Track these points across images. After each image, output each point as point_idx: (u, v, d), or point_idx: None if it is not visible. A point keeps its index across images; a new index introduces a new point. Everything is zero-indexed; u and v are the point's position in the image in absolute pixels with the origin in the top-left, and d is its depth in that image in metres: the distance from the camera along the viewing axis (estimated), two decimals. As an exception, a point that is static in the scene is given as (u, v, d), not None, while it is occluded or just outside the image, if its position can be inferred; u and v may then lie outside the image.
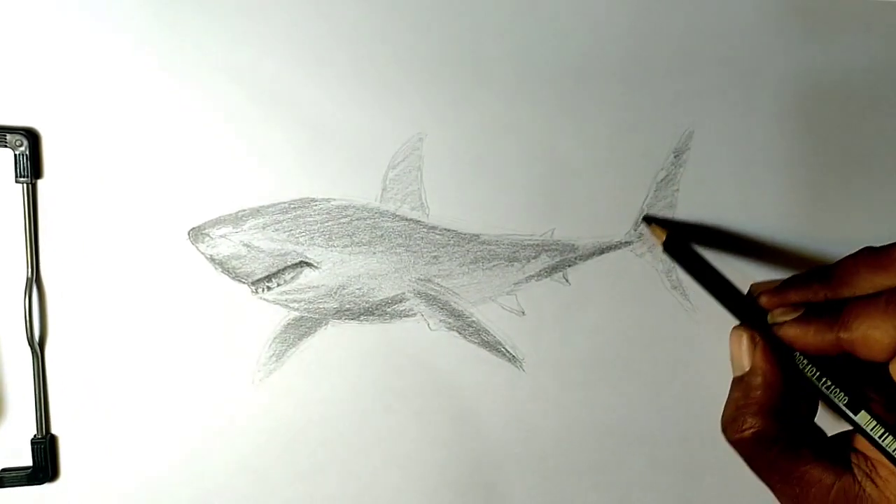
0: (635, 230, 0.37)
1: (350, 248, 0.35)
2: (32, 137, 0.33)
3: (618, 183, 0.37)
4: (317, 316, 0.35)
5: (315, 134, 0.34)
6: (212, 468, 0.36)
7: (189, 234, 0.34)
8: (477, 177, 0.36)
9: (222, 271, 0.35)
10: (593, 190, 0.37)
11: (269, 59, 0.34)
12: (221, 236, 0.34)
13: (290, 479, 0.36)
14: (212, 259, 0.34)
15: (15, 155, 0.32)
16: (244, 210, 0.34)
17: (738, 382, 0.33)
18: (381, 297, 0.36)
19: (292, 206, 0.35)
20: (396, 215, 0.36)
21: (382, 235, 0.36)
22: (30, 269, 0.33)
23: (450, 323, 0.36)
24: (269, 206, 0.35)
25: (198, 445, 0.35)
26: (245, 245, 0.34)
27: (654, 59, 0.36)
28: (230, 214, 0.34)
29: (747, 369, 0.32)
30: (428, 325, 0.36)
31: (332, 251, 0.35)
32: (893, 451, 0.29)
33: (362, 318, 0.36)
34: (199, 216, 0.34)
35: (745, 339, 0.32)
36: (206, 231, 0.34)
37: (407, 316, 0.36)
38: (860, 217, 0.38)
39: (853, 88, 0.38)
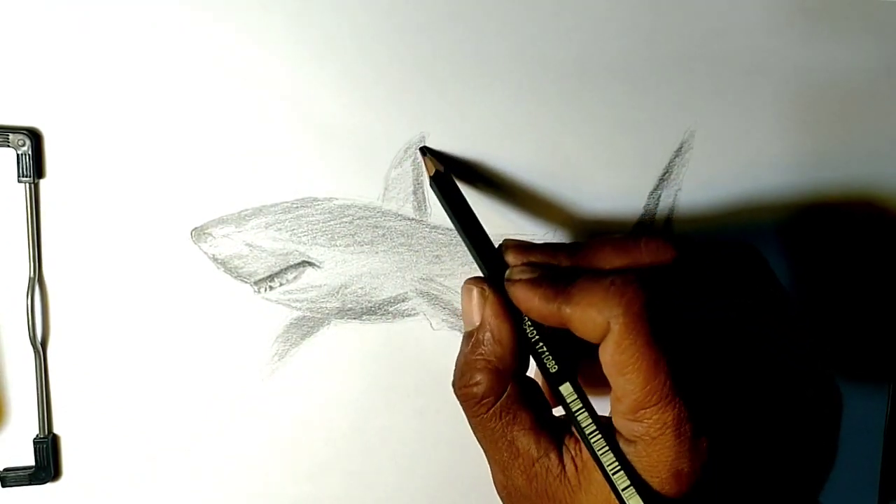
0: (637, 230, 0.37)
1: (352, 248, 0.35)
2: (35, 137, 0.33)
3: (620, 183, 0.37)
4: (319, 315, 0.35)
5: (317, 133, 0.34)
6: (214, 468, 0.35)
7: (191, 233, 0.34)
8: (478, 176, 0.36)
9: (225, 271, 0.35)
10: (595, 190, 0.37)
11: (272, 58, 0.34)
12: (224, 236, 0.34)
13: (292, 478, 0.36)
14: (214, 258, 0.34)
15: (17, 155, 0.32)
16: (247, 209, 0.34)
17: (468, 337, 0.31)
18: (383, 297, 0.36)
19: (295, 205, 0.35)
20: (398, 215, 0.36)
21: (384, 235, 0.36)
22: (32, 269, 0.33)
23: (452, 322, 0.36)
24: (271, 206, 0.35)
25: (200, 445, 0.35)
26: (247, 244, 0.34)
27: (656, 59, 0.36)
28: (233, 214, 0.34)
29: (477, 324, 0.30)
30: (430, 324, 0.36)
31: (334, 250, 0.35)
32: (586, 427, 0.28)
33: (364, 317, 0.36)
34: (202, 216, 0.34)
35: (475, 293, 0.30)
36: (209, 230, 0.34)
37: (409, 315, 0.36)
38: (862, 217, 0.38)
39: (855, 88, 0.38)
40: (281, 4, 0.34)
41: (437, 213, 0.36)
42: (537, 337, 0.30)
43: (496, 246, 0.32)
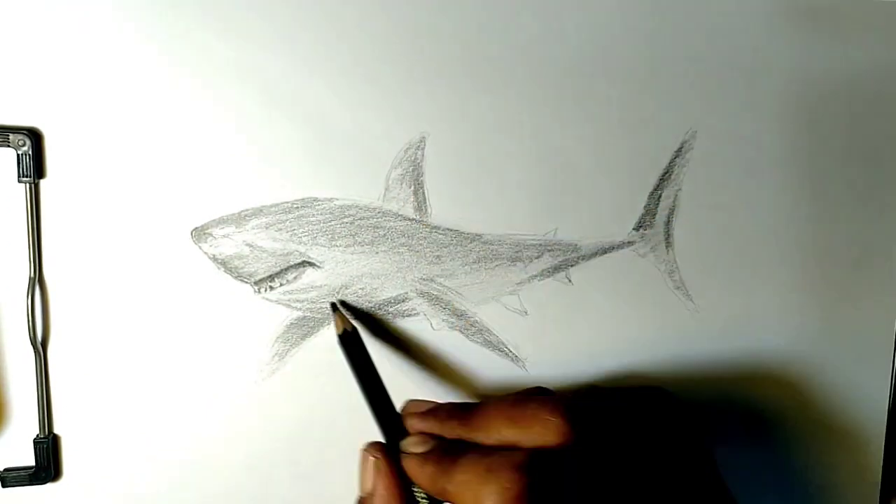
0: (638, 230, 0.37)
1: (352, 248, 0.35)
2: (35, 137, 0.33)
3: (621, 183, 0.37)
4: (319, 316, 0.35)
5: (318, 133, 0.34)
6: (215, 467, 0.35)
7: (192, 233, 0.34)
8: (479, 177, 0.36)
9: (225, 271, 0.35)
10: (596, 190, 0.37)
11: (272, 58, 0.34)
12: (224, 236, 0.34)
13: (293, 478, 0.36)
14: (214, 259, 0.34)
15: (18, 155, 0.32)
16: (247, 210, 0.34)
17: (359, 501, 0.31)
18: (383, 297, 0.36)
19: (295, 205, 0.35)
20: (399, 215, 0.36)
21: (385, 235, 0.36)
22: (32, 269, 0.33)
23: (452, 322, 0.36)
24: (271, 206, 0.35)
25: (200, 445, 0.35)
26: (248, 245, 0.34)
27: (657, 59, 0.36)
28: (233, 214, 0.34)
29: (366, 491, 0.30)
30: (431, 324, 0.36)
31: (334, 251, 0.35)
32: None
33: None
34: (202, 216, 0.34)
35: (371, 462, 0.30)
36: (209, 231, 0.34)
37: (410, 315, 0.36)
38: (863, 217, 0.38)
39: (857, 88, 0.38)
40: (281, 5, 0.34)
41: (438, 213, 0.36)
42: None
43: (398, 410, 0.32)
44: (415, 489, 0.30)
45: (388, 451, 0.31)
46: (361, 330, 0.34)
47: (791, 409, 0.39)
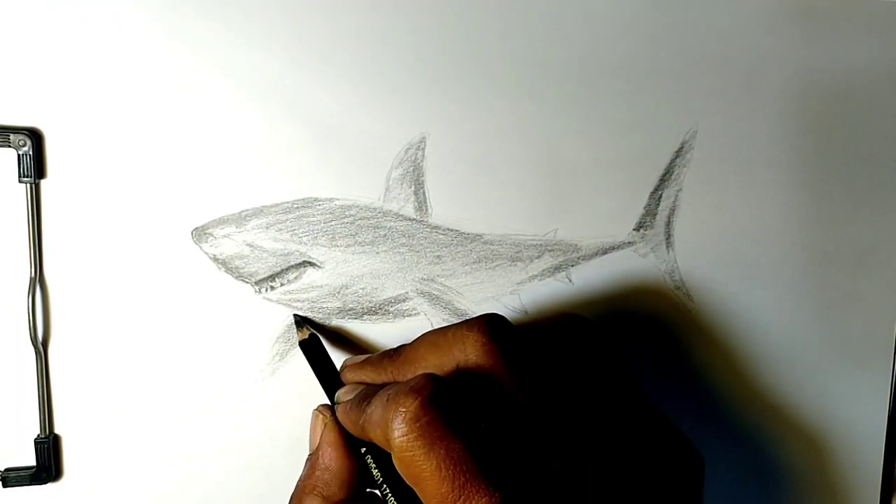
0: (638, 231, 0.37)
1: (353, 248, 0.35)
2: (36, 137, 0.33)
3: (621, 183, 0.37)
4: (320, 315, 0.36)
5: (318, 134, 0.34)
6: (216, 467, 0.36)
7: (192, 233, 0.34)
8: (480, 177, 0.36)
9: (225, 271, 0.35)
10: (597, 190, 0.37)
11: (272, 58, 0.34)
12: (225, 236, 0.34)
13: (294, 478, 0.36)
14: (215, 259, 0.34)
15: (18, 155, 0.32)
16: (247, 210, 0.34)
17: (307, 459, 0.31)
18: (384, 297, 0.36)
19: (295, 205, 0.35)
20: (399, 215, 0.36)
21: (385, 235, 0.36)
22: (33, 269, 0.33)
23: (453, 322, 0.36)
24: (272, 206, 0.35)
25: (201, 445, 0.35)
26: (248, 245, 0.34)
27: (657, 59, 0.36)
28: (233, 214, 0.34)
29: (314, 447, 0.30)
30: (431, 324, 0.36)
31: (335, 251, 0.35)
32: None
33: (365, 317, 0.36)
34: (203, 216, 0.34)
35: (319, 419, 0.31)
36: (210, 231, 0.34)
37: (410, 315, 0.36)
38: (864, 217, 0.38)
39: (856, 88, 0.38)
40: (281, 5, 0.34)
41: (438, 213, 0.36)
42: (374, 466, 0.29)
43: None
44: (362, 450, 0.29)
45: (335, 410, 0.31)
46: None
47: (791, 409, 0.39)
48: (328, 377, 0.33)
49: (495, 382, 0.28)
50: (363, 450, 0.29)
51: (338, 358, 0.34)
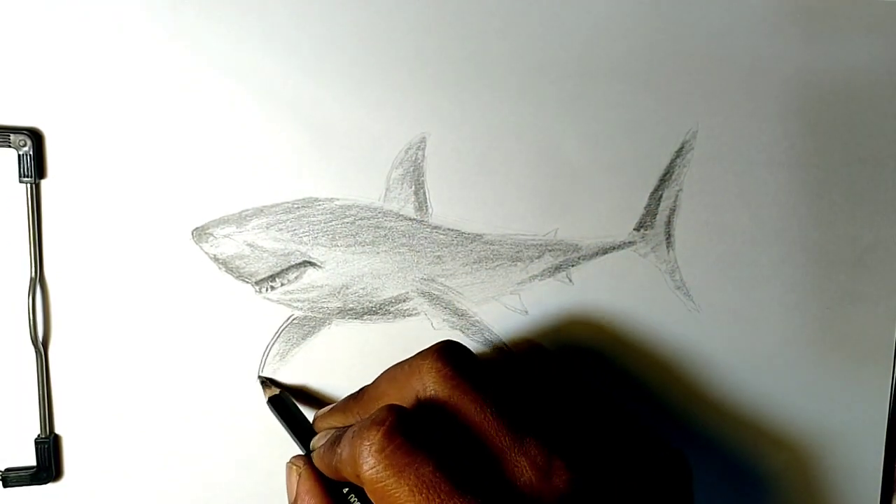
0: (638, 231, 0.37)
1: (353, 248, 0.35)
2: (36, 137, 0.33)
3: (621, 183, 0.37)
4: (320, 315, 0.36)
5: (318, 134, 0.34)
6: (215, 467, 0.36)
7: (193, 233, 0.34)
8: (480, 177, 0.36)
9: (226, 271, 0.35)
10: (597, 190, 0.37)
11: (273, 58, 0.34)
12: (225, 236, 0.34)
13: (294, 478, 0.36)
14: (215, 259, 0.34)
15: (18, 155, 0.32)
16: (248, 210, 0.34)
17: None
18: (384, 297, 0.36)
19: (296, 205, 0.35)
20: (400, 215, 0.36)
21: (386, 235, 0.36)
22: (33, 269, 0.33)
23: (453, 322, 0.36)
24: (272, 206, 0.35)
25: (202, 445, 0.35)
26: (248, 245, 0.34)
27: (657, 59, 0.36)
28: (234, 214, 0.34)
29: (292, 499, 0.30)
30: (431, 324, 0.36)
31: (335, 251, 0.35)
32: None
33: (366, 317, 0.36)
34: (203, 216, 0.34)
35: (293, 470, 0.31)
36: (210, 231, 0.34)
37: (410, 315, 0.36)
38: (864, 217, 0.38)
39: (857, 88, 0.38)
40: (282, 5, 0.34)
41: (439, 213, 0.36)
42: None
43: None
44: (345, 490, 0.30)
45: (309, 459, 0.31)
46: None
47: (791, 409, 0.39)
48: (300, 430, 0.33)
49: (456, 407, 0.28)
50: (346, 490, 0.29)
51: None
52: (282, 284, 0.35)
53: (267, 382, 0.35)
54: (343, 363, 0.36)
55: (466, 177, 0.36)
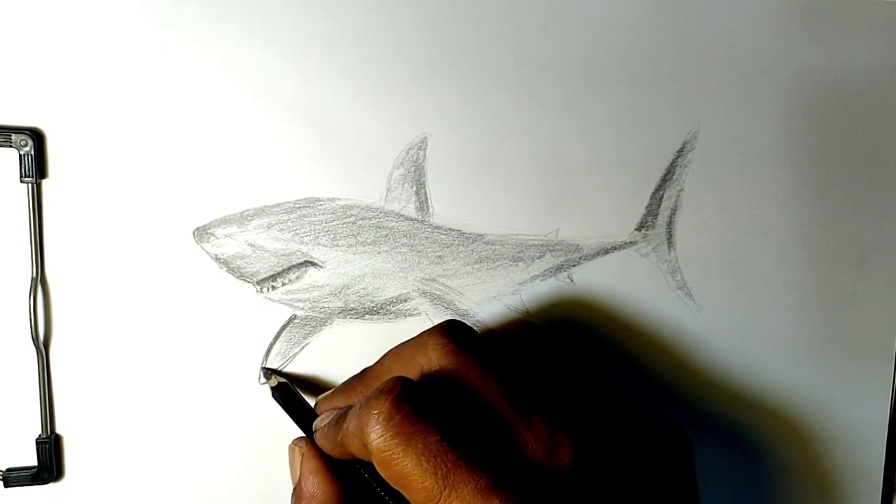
0: (640, 230, 0.37)
1: (355, 248, 0.35)
2: (37, 137, 0.33)
3: (622, 183, 0.37)
4: (322, 315, 0.36)
5: (320, 134, 0.34)
6: (216, 467, 0.35)
7: (194, 233, 0.34)
8: (481, 177, 0.36)
9: (227, 271, 0.35)
10: (598, 190, 0.37)
11: (274, 58, 0.34)
12: (226, 236, 0.34)
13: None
14: (217, 258, 0.34)
15: (20, 155, 0.32)
16: (249, 210, 0.34)
17: (292, 493, 0.31)
18: (385, 297, 0.36)
19: (297, 205, 0.35)
20: (401, 215, 0.36)
21: (387, 235, 0.36)
22: (34, 269, 0.33)
23: (454, 322, 0.36)
24: (273, 206, 0.35)
25: (203, 445, 0.35)
26: (250, 244, 0.34)
27: (659, 59, 0.36)
28: (235, 214, 0.34)
29: (296, 480, 0.31)
30: (432, 324, 0.36)
31: (336, 251, 0.35)
32: None
33: (367, 317, 0.36)
34: (204, 216, 0.34)
35: (295, 451, 0.31)
36: (211, 230, 0.34)
37: (412, 315, 0.36)
38: (865, 216, 0.38)
39: (858, 88, 0.38)
40: (284, 5, 0.34)
41: (440, 213, 0.36)
42: (374, 485, 0.29)
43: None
44: (356, 464, 0.30)
45: (312, 441, 0.31)
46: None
47: (792, 409, 0.39)
48: (302, 415, 0.33)
49: (461, 381, 0.28)
50: (357, 466, 0.29)
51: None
52: (283, 284, 0.35)
53: (269, 373, 0.35)
54: (344, 363, 0.36)
55: (467, 177, 0.36)
